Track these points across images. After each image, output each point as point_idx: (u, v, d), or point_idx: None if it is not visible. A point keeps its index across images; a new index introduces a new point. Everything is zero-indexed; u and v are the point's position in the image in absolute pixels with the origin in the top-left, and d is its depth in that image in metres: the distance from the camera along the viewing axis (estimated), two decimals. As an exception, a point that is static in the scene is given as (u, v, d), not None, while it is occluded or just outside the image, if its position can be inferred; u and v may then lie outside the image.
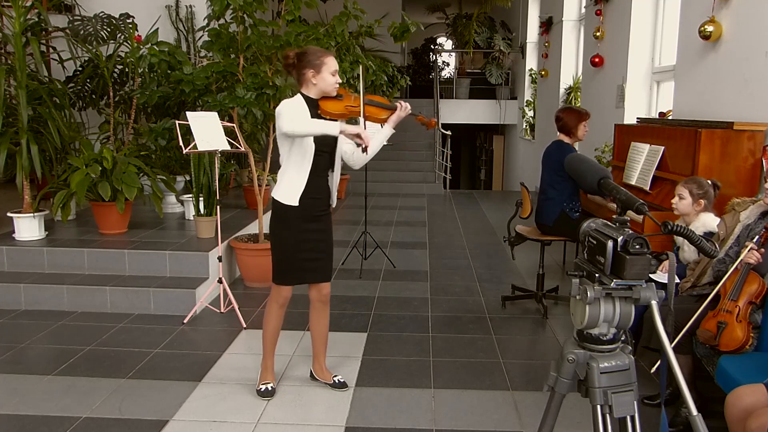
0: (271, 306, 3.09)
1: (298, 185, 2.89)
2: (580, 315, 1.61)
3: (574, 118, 4.24)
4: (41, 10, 5.34)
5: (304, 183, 2.88)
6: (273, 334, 3.13)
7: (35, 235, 4.83)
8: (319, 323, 3.19)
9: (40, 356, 3.59)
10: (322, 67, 2.85)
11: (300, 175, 2.88)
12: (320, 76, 2.86)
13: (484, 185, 15.63)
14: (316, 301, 3.14)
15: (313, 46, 3.07)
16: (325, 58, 2.86)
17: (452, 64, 16.59)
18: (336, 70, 2.88)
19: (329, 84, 2.87)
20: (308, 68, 2.86)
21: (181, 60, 4.74)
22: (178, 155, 6.01)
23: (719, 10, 4.00)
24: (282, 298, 3.06)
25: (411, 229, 7.29)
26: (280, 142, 2.91)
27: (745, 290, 2.71)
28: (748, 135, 3.58)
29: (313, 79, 2.87)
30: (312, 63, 2.85)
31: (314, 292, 3.12)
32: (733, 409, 2.25)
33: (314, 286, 3.10)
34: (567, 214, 4.18)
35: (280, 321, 3.12)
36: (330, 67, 2.86)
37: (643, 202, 1.58)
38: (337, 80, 2.89)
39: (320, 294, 3.12)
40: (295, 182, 2.89)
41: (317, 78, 2.86)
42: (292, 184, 2.90)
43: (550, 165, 4.29)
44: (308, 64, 2.86)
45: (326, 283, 3.11)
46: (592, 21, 6.81)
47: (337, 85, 2.91)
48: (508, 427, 2.86)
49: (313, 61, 2.85)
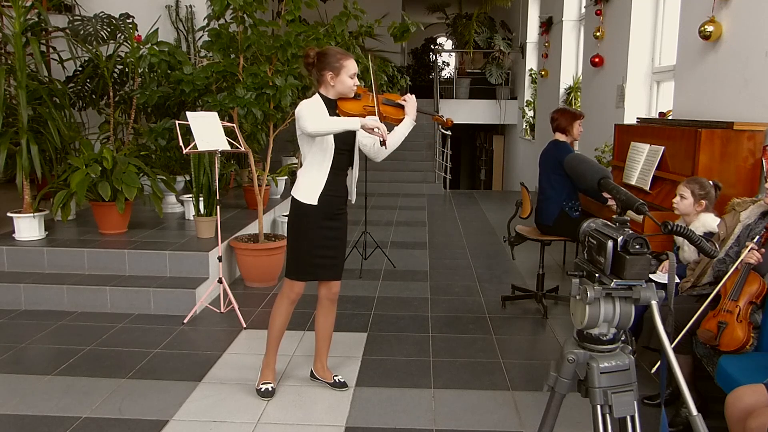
0: (281, 301, 3.09)
1: (318, 184, 2.91)
2: (580, 315, 1.61)
3: (568, 118, 4.31)
4: (41, 10, 5.34)
5: (324, 181, 2.91)
6: (280, 330, 3.13)
7: (35, 235, 4.83)
8: (325, 322, 3.20)
9: (40, 356, 3.59)
10: (342, 69, 2.86)
11: (321, 173, 2.91)
12: (339, 78, 2.88)
13: (484, 185, 15.63)
14: (325, 299, 3.15)
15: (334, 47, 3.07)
16: (345, 60, 2.87)
17: (452, 64, 16.59)
18: (355, 72, 2.90)
19: (347, 86, 2.90)
20: (327, 70, 2.88)
21: (181, 60, 4.74)
22: (178, 155, 6.01)
23: (719, 10, 3.99)
24: (294, 294, 3.07)
25: (411, 229, 7.29)
26: (300, 143, 2.93)
27: (746, 290, 2.72)
28: (748, 135, 3.58)
29: (331, 81, 2.89)
30: (332, 65, 2.87)
31: (324, 289, 3.13)
32: (733, 409, 2.25)
33: (324, 283, 3.11)
34: (567, 213, 4.19)
35: (288, 317, 3.13)
36: (349, 70, 2.88)
37: (643, 202, 1.58)
38: (356, 83, 2.91)
39: (330, 292, 3.13)
40: (316, 181, 2.91)
41: (336, 80, 2.88)
42: (312, 183, 2.92)
43: (548, 164, 4.31)
44: (328, 65, 2.88)
45: (337, 281, 3.13)
46: (592, 21, 6.81)
47: (355, 88, 2.92)
48: (508, 427, 2.86)
49: (332, 63, 2.87)
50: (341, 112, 2.92)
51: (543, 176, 4.37)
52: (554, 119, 4.37)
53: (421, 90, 14.69)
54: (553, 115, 4.39)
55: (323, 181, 2.91)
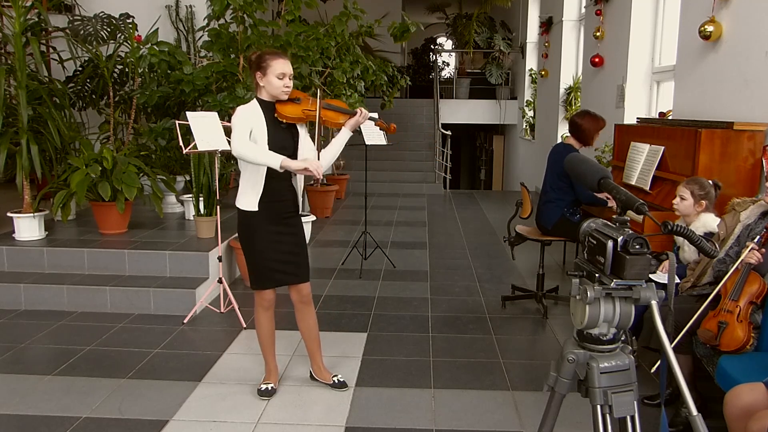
0: (257, 311, 3.10)
1: (255, 190, 2.87)
2: (580, 315, 1.61)
3: (593, 126, 4.12)
4: (41, 10, 5.34)
5: (261, 188, 2.86)
6: (267, 337, 3.14)
7: (35, 235, 4.83)
8: (306, 325, 3.16)
9: (40, 356, 3.59)
10: (268, 69, 2.79)
11: (257, 179, 2.87)
12: (266, 78, 2.81)
13: (484, 185, 15.63)
14: (298, 302, 3.12)
15: (270, 48, 3.04)
16: (272, 60, 2.80)
17: (452, 64, 16.59)
18: (283, 73, 2.81)
19: (275, 87, 2.82)
20: (256, 71, 2.83)
21: (181, 60, 4.75)
22: (178, 155, 6.01)
23: (719, 10, 3.99)
24: (265, 302, 3.06)
25: (411, 229, 7.29)
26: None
27: (746, 290, 2.72)
28: (748, 135, 3.58)
29: (260, 82, 2.84)
30: (259, 65, 2.82)
31: (294, 293, 3.10)
32: (732, 408, 2.25)
33: (293, 287, 3.07)
34: (567, 218, 4.16)
35: (270, 323, 3.13)
36: (275, 70, 2.79)
37: (643, 202, 1.57)
38: (286, 84, 2.83)
39: (300, 295, 3.09)
40: (253, 187, 2.88)
41: (264, 80, 2.82)
42: (250, 190, 2.89)
43: (555, 168, 4.23)
44: (256, 66, 2.83)
45: (304, 283, 3.07)
46: (592, 21, 6.81)
47: (287, 89, 2.84)
48: (508, 427, 2.86)
49: (260, 63, 2.81)
50: (280, 116, 2.86)
51: (548, 178, 4.30)
52: (577, 125, 4.15)
53: (421, 90, 14.71)
54: (576, 120, 4.19)
55: (260, 188, 2.86)
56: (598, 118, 4.21)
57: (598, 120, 4.19)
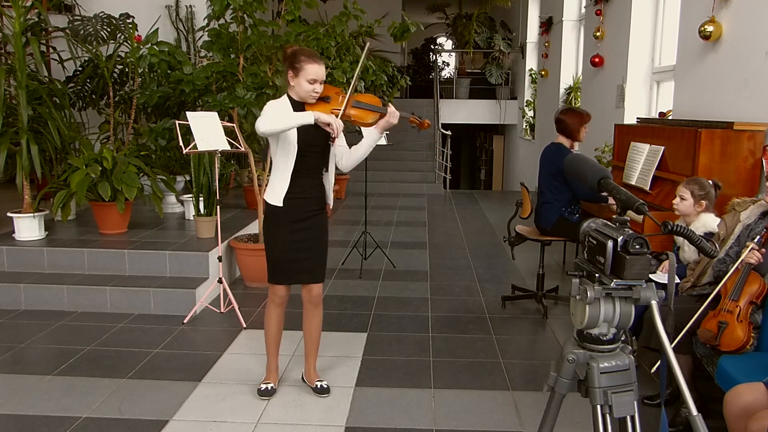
0: (268, 306, 3.10)
1: (282, 185, 2.87)
2: (580, 315, 1.61)
3: (576, 120, 4.14)
4: (41, 10, 5.34)
5: (287, 183, 2.85)
6: (274, 334, 3.13)
7: (35, 235, 4.83)
8: (309, 325, 3.15)
9: (40, 356, 3.59)
10: (300, 71, 2.78)
11: (284, 175, 2.86)
12: (297, 80, 2.80)
13: (484, 185, 15.63)
14: (306, 302, 3.11)
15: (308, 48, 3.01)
16: (307, 63, 2.78)
17: (452, 64, 16.59)
18: (314, 78, 2.78)
19: (305, 90, 2.81)
20: (289, 69, 2.82)
21: (181, 60, 4.73)
22: (178, 155, 6.01)
23: (719, 10, 3.99)
24: (278, 297, 3.05)
25: (411, 229, 7.29)
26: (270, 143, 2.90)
27: (746, 290, 2.72)
28: (748, 135, 3.58)
29: (291, 81, 2.83)
30: (292, 65, 2.80)
31: (305, 293, 3.09)
32: (731, 407, 2.25)
33: (305, 287, 3.07)
34: (566, 218, 4.16)
35: (280, 320, 3.12)
36: (308, 74, 2.77)
37: (643, 202, 1.57)
38: (315, 89, 2.81)
39: (309, 295, 3.08)
40: (280, 182, 2.87)
41: (295, 81, 2.82)
42: (277, 185, 2.88)
43: (548, 168, 4.23)
44: (290, 65, 2.82)
45: (317, 284, 3.06)
46: (592, 21, 6.81)
47: (316, 94, 2.83)
48: (508, 427, 2.86)
49: (293, 63, 2.80)
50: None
51: (542, 179, 4.30)
52: (560, 121, 4.17)
53: (421, 90, 14.70)
54: (559, 117, 4.20)
55: (287, 183, 2.85)
56: (582, 112, 4.22)
57: (581, 114, 4.19)
